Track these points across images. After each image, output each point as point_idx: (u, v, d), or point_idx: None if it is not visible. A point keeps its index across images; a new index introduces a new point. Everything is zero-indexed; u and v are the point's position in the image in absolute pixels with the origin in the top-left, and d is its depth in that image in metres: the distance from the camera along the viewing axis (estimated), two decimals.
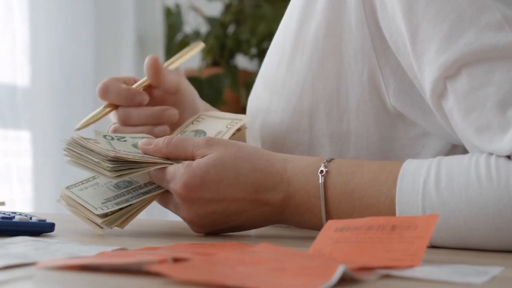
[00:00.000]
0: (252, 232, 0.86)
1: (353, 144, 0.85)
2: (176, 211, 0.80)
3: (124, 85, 0.92)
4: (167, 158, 0.81)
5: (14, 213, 0.83)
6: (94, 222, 0.80)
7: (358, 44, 0.82)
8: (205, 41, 2.41)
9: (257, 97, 0.95)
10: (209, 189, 0.77)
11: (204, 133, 0.90)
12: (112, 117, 0.95)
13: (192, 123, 0.93)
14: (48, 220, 0.79)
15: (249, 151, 0.79)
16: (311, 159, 0.79)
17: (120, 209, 0.79)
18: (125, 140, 0.86)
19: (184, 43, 2.41)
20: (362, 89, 0.83)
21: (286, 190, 0.78)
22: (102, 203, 0.80)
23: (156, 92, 0.95)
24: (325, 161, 0.78)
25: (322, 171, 0.77)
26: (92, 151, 0.81)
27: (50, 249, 0.66)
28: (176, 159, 0.80)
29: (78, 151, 0.82)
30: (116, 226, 0.79)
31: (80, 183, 0.84)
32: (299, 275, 0.50)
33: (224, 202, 0.78)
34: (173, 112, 0.92)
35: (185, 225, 0.85)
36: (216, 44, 2.36)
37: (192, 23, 2.48)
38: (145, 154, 0.82)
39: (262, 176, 0.78)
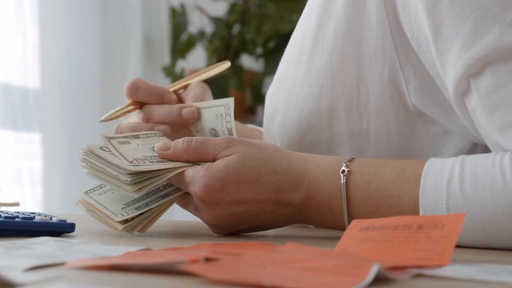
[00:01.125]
0: (270, 232, 0.85)
1: (372, 143, 0.84)
2: (196, 213, 0.80)
3: (153, 83, 0.93)
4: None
5: (33, 213, 0.83)
6: (112, 226, 0.79)
7: (379, 42, 0.81)
8: (210, 41, 2.41)
9: (275, 95, 0.94)
10: (229, 192, 0.76)
11: (215, 128, 0.90)
12: (132, 116, 0.95)
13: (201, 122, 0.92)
14: (68, 221, 0.79)
15: (270, 152, 0.78)
16: (332, 159, 0.79)
17: (140, 214, 0.79)
18: (138, 143, 0.85)
19: (189, 43, 2.41)
20: (382, 88, 0.82)
21: (307, 190, 0.77)
22: (122, 208, 0.79)
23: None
24: (346, 160, 0.77)
25: (343, 171, 0.76)
26: (109, 162, 0.80)
27: (75, 249, 0.66)
28: (197, 161, 0.80)
29: (95, 161, 0.81)
30: (137, 231, 0.79)
31: (98, 187, 0.83)
32: (333, 274, 0.50)
33: (244, 204, 0.77)
34: (190, 110, 0.91)
35: (202, 225, 0.85)
36: (221, 44, 2.36)
37: (196, 23, 2.48)
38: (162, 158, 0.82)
39: (283, 177, 0.77)
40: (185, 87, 0.96)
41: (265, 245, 0.67)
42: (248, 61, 2.49)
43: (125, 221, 0.78)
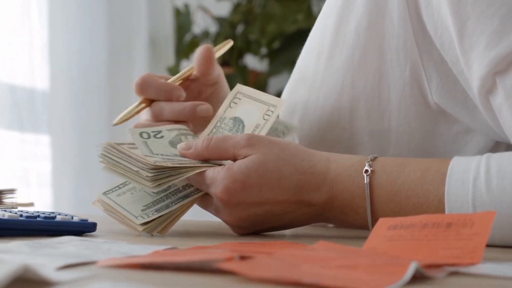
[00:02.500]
0: (287, 231, 0.85)
1: (394, 141, 0.84)
2: (217, 214, 0.80)
3: (162, 80, 0.92)
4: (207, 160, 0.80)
5: (53, 213, 0.83)
6: (132, 227, 0.79)
7: (401, 39, 0.81)
8: (214, 41, 2.40)
9: (293, 93, 0.94)
10: (251, 193, 0.76)
11: (242, 123, 0.87)
12: (144, 113, 0.94)
13: (230, 105, 0.90)
14: (89, 220, 0.79)
15: (291, 151, 0.77)
16: (355, 158, 0.78)
17: (161, 215, 0.78)
18: (162, 136, 0.85)
19: (193, 44, 2.41)
20: (404, 86, 0.82)
21: (329, 190, 0.77)
22: (142, 210, 0.79)
23: (194, 85, 0.94)
24: (369, 159, 0.77)
25: (367, 170, 0.76)
26: (130, 157, 0.79)
27: (101, 248, 0.65)
28: (217, 159, 0.80)
29: (115, 158, 0.81)
30: (157, 232, 0.79)
31: (117, 188, 0.83)
32: (370, 272, 0.50)
33: (266, 205, 0.77)
34: (205, 108, 0.90)
35: (221, 224, 0.85)
36: None
37: (200, 23, 2.47)
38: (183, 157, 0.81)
39: (305, 177, 0.77)
40: (190, 75, 0.95)
41: (292, 244, 0.67)
42: (252, 62, 2.48)
43: (145, 223, 0.78)
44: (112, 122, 0.93)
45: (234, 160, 0.78)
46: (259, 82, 2.36)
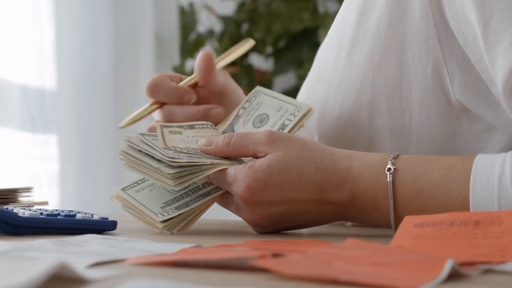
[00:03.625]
0: (305, 230, 0.85)
1: (414, 139, 0.83)
2: (238, 213, 0.79)
3: (173, 83, 0.91)
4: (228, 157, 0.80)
5: (72, 211, 0.82)
6: (152, 224, 0.79)
7: (423, 36, 0.80)
8: (219, 40, 2.40)
9: (311, 91, 0.94)
10: (272, 192, 0.75)
11: (267, 116, 0.87)
12: (156, 115, 0.93)
13: (253, 104, 0.89)
14: (110, 219, 0.78)
15: (312, 149, 0.77)
16: (377, 156, 0.78)
17: (181, 213, 0.78)
18: (181, 133, 0.84)
19: (198, 43, 2.41)
20: (426, 83, 0.81)
21: (351, 189, 0.76)
22: (162, 207, 0.79)
23: (202, 91, 0.93)
24: (391, 158, 0.76)
25: (390, 168, 0.75)
26: (151, 156, 0.79)
27: (126, 246, 0.65)
28: (238, 156, 0.80)
29: (135, 154, 0.80)
30: (177, 230, 0.78)
31: (135, 184, 0.82)
32: (405, 270, 0.50)
33: (288, 204, 0.76)
34: (218, 111, 0.90)
35: (241, 222, 0.84)
36: (231, 43, 2.35)
37: (205, 22, 2.47)
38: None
39: (327, 175, 0.76)
40: (197, 82, 0.93)
41: (319, 242, 0.67)
42: (257, 61, 2.48)
43: (165, 220, 0.78)
44: (119, 124, 0.92)
45: (255, 157, 0.78)
46: (264, 82, 2.36)
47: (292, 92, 2.33)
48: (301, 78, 2.23)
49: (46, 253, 0.60)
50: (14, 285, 0.40)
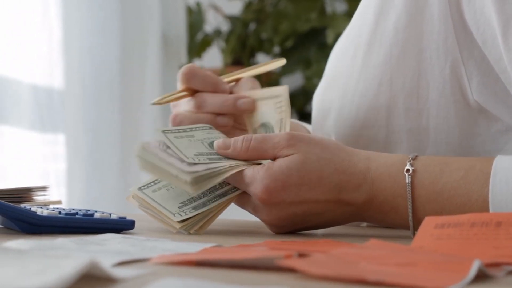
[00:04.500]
0: (319, 231, 0.85)
1: (432, 140, 0.83)
2: (255, 213, 0.79)
3: (208, 72, 0.92)
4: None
5: (89, 210, 0.82)
6: (168, 224, 0.78)
7: (441, 37, 0.80)
8: (226, 40, 2.40)
9: (326, 92, 0.93)
10: (290, 193, 0.75)
11: (270, 125, 0.87)
12: (184, 104, 0.93)
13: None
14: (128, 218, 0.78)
15: (332, 150, 0.77)
16: (395, 157, 0.77)
17: (198, 213, 0.78)
18: (193, 135, 0.85)
19: (205, 42, 2.41)
20: (444, 83, 0.81)
21: (369, 190, 0.76)
22: (179, 207, 0.78)
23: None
24: (410, 159, 0.76)
25: (408, 170, 0.75)
26: (167, 162, 0.78)
27: (147, 246, 0.65)
28: (255, 156, 0.79)
29: (151, 159, 0.80)
30: (194, 231, 0.78)
31: (152, 183, 0.82)
32: (432, 270, 0.50)
33: (305, 204, 0.76)
34: (247, 101, 0.89)
35: (257, 222, 0.84)
36: (238, 43, 2.35)
37: (212, 22, 2.47)
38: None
39: (345, 177, 0.76)
40: (237, 80, 0.94)
41: (336, 242, 0.67)
42: (264, 60, 2.47)
43: (183, 220, 0.77)
44: (150, 102, 0.93)
45: (274, 158, 0.78)
46: (271, 82, 2.35)
47: (299, 92, 2.34)
48: (309, 79, 2.23)
49: (68, 252, 0.60)
50: (46, 284, 0.40)
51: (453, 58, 0.80)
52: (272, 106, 0.88)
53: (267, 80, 2.36)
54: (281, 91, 0.87)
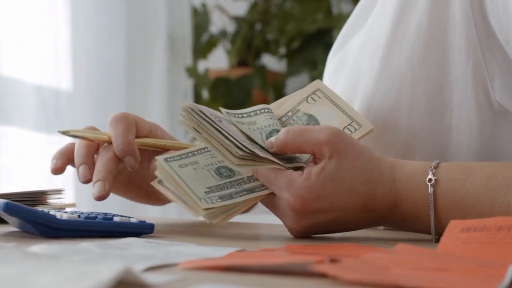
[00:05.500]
0: (335, 234, 0.84)
1: (453, 142, 0.83)
2: (281, 217, 0.78)
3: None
4: (281, 154, 0.78)
5: (107, 214, 0.82)
6: (191, 208, 0.75)
7: (463, 38, 0.80)
8: (232, 40, 2.39)
9: (344, 94, 0.93)
10: (323, 203, 0.74)
11: (318, 123, 0.84)
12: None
13: (307, 100, 0.86)
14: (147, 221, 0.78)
15: (365, 158, 0.75)
16: (418, 166, 0.76)
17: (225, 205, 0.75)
18: (255, 123, 0.82)
19: (211, 43, 2.40)
20: (466, 85, 0.81)
21: (393, 199, 0.76)
22: (206, 192, 0.76)
23: None
24: (432, 167, 0.75)
25: (430, 179, 0.74)
26: (218, 130, 0.76)
27: (171, 250, 0.64)
28: (295, 150, 0.77)
29: (202, 121, 0.76)
30: (216, 221, 0.75)
31: (179, 157, 0.79)
32: (466, 275, 0.49)
33: (333, 213, 0.75)
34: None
35: (276, 225, 0.84)
36: (244, 44, 2.34)
37: (217, 23, 2.47)
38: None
39: (373, 186, 0.75)
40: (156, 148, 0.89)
41: (360, 247, 0.66)
42: (269, 61, 2.47)
43: (208, 208, 0.74)
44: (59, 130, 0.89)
45: (313, 156, 0.76)
46: (277, 83, 2.35)
47: None
48: (315, 80, 2.22)
49: (93, 256, 0.59)
50: None
51: (475, 59, 0.80)
52: (340, 119, 0.84)
53: (273, 81, 2.36)
54: (365, 124, 0.83)
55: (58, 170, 0.86)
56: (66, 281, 0.41)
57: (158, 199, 0.95)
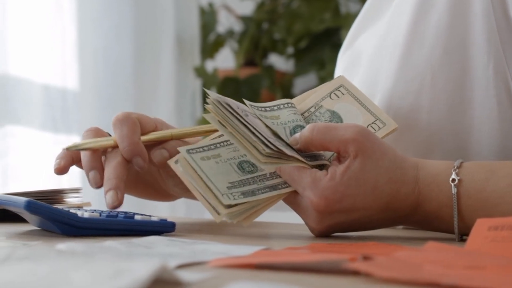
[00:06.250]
0: (353, 233, 0.84)
1: (474, 141, 0.82)
2: (303, 216, 0.77)
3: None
4: (305, 151, 0.77)
5: (127, 212, 0.81)
6: (212, 206, 0.74)
7: (484, 37, 0.79)
8: (239, 40, 2.39)
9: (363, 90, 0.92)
10: (347, 203, 0.74)
11: (341, 121, 0.82)
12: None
13: (330, 96, 0.85)
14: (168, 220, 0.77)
15: (389, 157, 0.75)
16: (441, 166, 0.76)
17: (247, 202, 0.73)
18: (278, 117, 0.80)
19: (218, 43, 2.39)
20: (487, 83, 0.80)
21: (416, 199, 0.75)
22: (228, 188, 0.74)
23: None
24: (455, 167, 0.74)
25: (454, 179, 0.74)
26: (244, 124, 0.74)
27: (197, 248, 0.64)
28: (319, 148, 0.76)
29: (228, 114, 0.74)
30: (238, 221, 0.74)
31: (201, 149, 0.77)
32: (502, 274, 0.49)
33: (356, 213, 0.75)
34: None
35: (297, 225, 0.83)
36: (251, 43, 2.34)
37: (224, 22, 2.46)
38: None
39: (396, 186, 0.74)
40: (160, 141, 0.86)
41: (385, 245, 0.66)
42: (277, 61, 2.47)
43: (229, 205, 0.73)
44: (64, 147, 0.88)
45: (338, 154, 0.75)
46: (284, 83, 2.34)
47: None
48: (322, 79, 2.21)
49: (120, 255, 0.59)
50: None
51: (496, 58, 0.79)
52: (363, 117, 0.82)
53: (281, 81, 2.36)
54: (389, 123, 0.82)
55: (61, 170, 0.85)
56: (104, 279, 0.41)
57: (167, 195, 0.94)
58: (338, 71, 1.05)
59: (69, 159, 0.86)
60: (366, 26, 1.00)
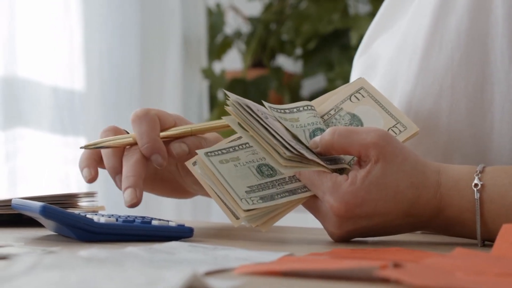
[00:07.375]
0: (369, 238, 0.83)
1: (495, 146, 0.81)
2: (323, 221, 0.76)
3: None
4: (325, 155, 0.76)
5: (143, 217, 0.80)
6: (230, 210, 0.73)
7: (505, 38, 0.78)
8: (247, 41, 2.38)
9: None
10: (367, 208, 0.72)
11: (361, 124, 0.81)
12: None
13: (350, 99, 0.83)
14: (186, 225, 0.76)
15: (411, 162, 0.73)
16: (463, 170, 0.75)
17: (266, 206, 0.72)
18: (297, 120, 0.79)
19: (225, 44, 2.39)
20: (508, 87, 0.79)
21: (437, 205, 0.74)
22: (246, 192, 0.73)
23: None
24: (478, 172, 0.73)
25: (476, 184, 0.72)
26: (265, 127, 0.73)
27: (219, 254, 0.63)
28: (340, 152, 0.75)
29: (248, 117, 0.73)
30: (257, 225, 0.73)
31: (220, 152, 0.76)
32: None
33: (376, 218, 0.74)
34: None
35: (297, 229, 0.82)
36: (259, 45, 2.33)
37: (231, 23, 2.45)
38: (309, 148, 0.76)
39: (418, 191, 0.73)
40: (178, 137, 0.85)
41: (408, 251, 0.65)
42: (285, 62, 2.45)
43: (249, 210, 0.72)
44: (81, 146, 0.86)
45: (359, 159, 0.74)
46: (292, 84, 2.33)
47: (322, 94, 2.32)
48: (331, 81, 2.20)
49: (142, 262, 0.58)
50: None
51: None
52: (384, 120, 0.81)
53: (289, 82, 2.35)
54: (410, 126, 0.80)
55: (93, 179, 0.84)
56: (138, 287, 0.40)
57: (185, 192, 0.92)
58: (355, 75, 1.04)
59: (95, 163, 0.85)
60: (382, 30, 0.99)
